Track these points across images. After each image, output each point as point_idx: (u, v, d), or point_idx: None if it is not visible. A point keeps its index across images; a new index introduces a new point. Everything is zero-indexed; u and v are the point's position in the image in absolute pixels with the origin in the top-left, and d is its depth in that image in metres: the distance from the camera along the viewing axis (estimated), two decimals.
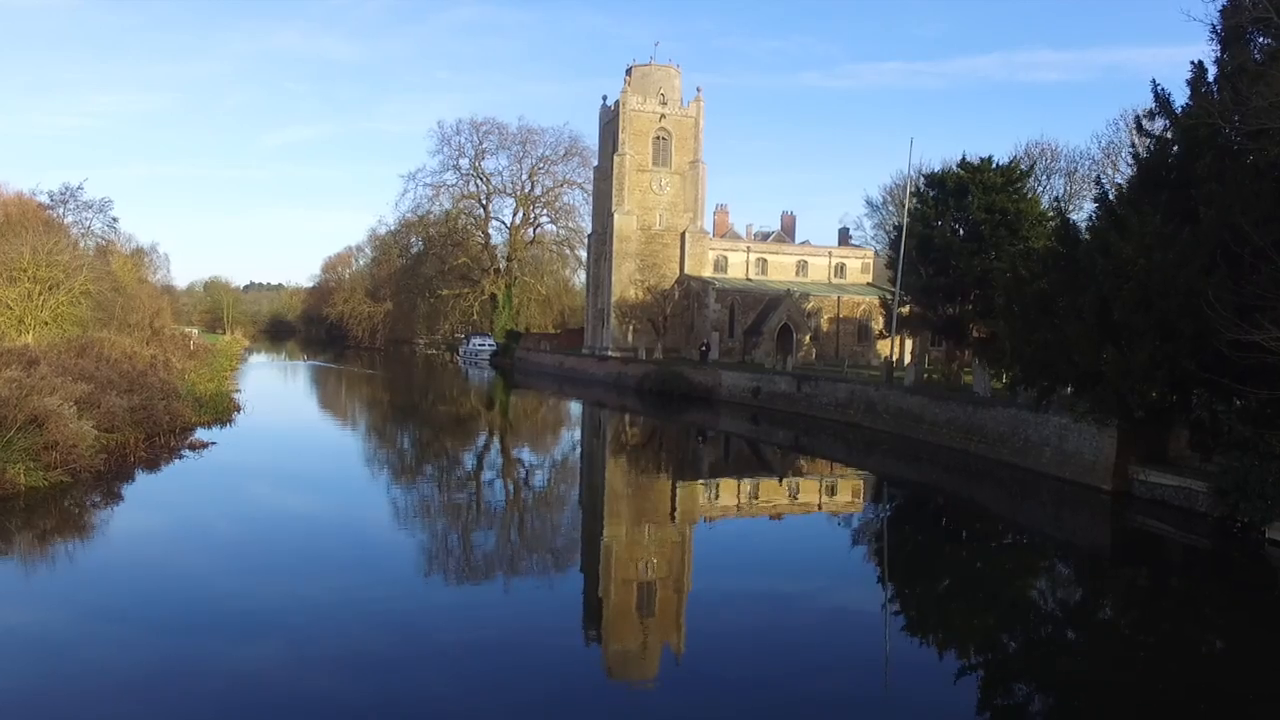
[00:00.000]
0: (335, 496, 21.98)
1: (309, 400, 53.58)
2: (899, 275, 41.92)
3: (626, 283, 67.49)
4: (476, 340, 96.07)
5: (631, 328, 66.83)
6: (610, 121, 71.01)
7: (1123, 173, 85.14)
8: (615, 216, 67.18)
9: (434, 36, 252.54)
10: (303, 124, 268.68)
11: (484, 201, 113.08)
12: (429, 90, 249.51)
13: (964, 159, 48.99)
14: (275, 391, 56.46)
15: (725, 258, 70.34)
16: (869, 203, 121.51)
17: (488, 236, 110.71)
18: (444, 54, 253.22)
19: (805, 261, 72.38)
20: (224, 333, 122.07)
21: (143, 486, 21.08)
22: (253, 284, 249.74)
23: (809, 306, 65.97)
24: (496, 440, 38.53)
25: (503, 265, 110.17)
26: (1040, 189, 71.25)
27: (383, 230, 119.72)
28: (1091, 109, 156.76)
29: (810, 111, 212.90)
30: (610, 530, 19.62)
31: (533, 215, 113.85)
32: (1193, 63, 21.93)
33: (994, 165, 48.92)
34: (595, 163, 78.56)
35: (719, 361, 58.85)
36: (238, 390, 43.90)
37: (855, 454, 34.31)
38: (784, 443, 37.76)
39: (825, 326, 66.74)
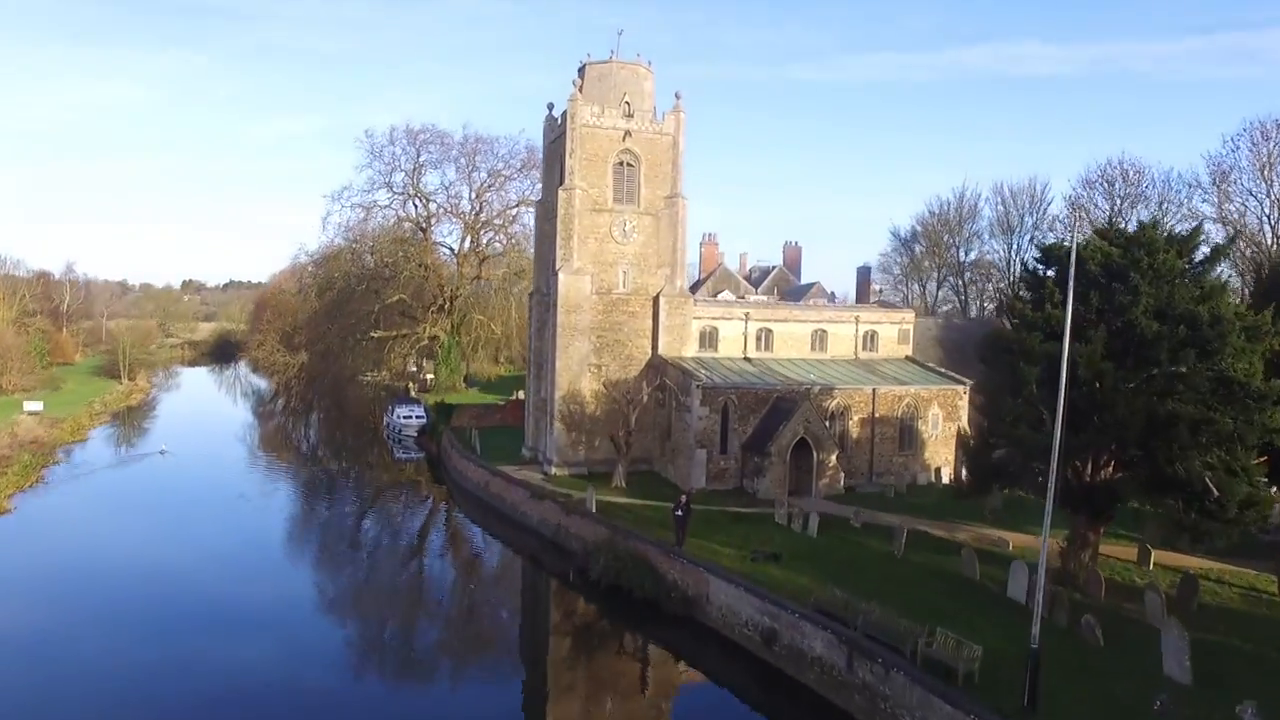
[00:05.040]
0: None
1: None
2: (1063, 357, 21.87)
3: (577, 370, 47.82)
4: (401, 410, 75.11)
5: (583, 441, 47.32)
6: (556, 140, 51.19)
7: (1236, 204, 64.87)
8: (560, 277, 47.43)
9: (427, 28, 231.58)
10: (291, 116, 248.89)
11: (424, 225, 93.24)
12: (423, 82, 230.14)
13: (1111, 222, 29.65)
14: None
15: (715, 330, 50.60)
16: (895, 235, 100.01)
17: (428, 268, 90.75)
18: (436, 47, 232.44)
19: (824, 331, 52.59)
20: (121, 380, 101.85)
21: None
22: (233, 282, 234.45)
23: (832, 405, 46.53)
24: None
25: (447, 304, 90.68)
26: (1125, 224, 51.79)
27: (304, 259, 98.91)
28: (1080, 106, 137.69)
29: (802, 108, 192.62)
30: None
31: (482, 241, 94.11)
32: None
33: (1162, 234, 29.43)
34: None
35: (709, 496, 39.71)
36: None
37: None
38: None
39: (855, 431, 47.27)
